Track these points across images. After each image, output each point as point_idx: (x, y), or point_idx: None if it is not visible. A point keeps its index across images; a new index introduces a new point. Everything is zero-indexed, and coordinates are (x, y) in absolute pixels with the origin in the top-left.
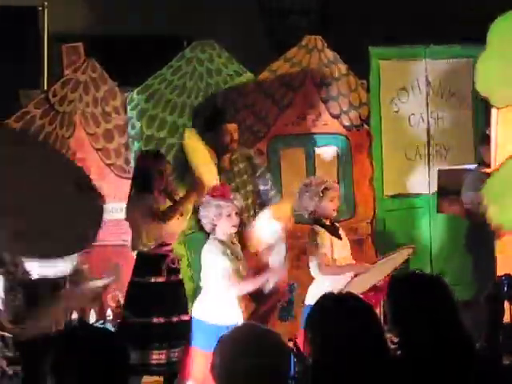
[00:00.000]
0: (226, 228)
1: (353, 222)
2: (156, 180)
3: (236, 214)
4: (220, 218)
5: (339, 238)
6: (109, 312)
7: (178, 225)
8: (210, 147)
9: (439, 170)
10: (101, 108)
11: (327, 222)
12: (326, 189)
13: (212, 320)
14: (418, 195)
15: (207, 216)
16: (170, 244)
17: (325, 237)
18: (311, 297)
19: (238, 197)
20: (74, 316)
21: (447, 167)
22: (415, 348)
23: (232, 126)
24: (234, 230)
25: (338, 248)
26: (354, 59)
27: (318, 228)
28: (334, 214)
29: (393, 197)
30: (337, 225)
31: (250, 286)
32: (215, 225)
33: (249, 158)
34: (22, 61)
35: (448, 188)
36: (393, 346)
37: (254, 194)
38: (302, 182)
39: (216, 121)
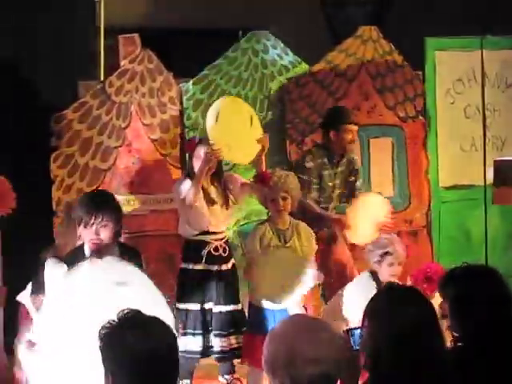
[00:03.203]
0: (272, 211)
1: (408, 214)
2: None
3: (283, 198)
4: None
5: None
6: None
7: (222, 214)
8: (330, 146)
9: (495, 161)
10: (157, 98)
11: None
12: (387, 253)
13: (265, 304)
14: (473, 186)
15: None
16: (217, 233)
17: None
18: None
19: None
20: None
21: (503, 158)
22: (473, 341)
23: (354, 128)
24: (278, 214)
25: None
26: (410, 50)
27: (371, 282)
28: (392, 279)
29: (448, 188)
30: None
31: None
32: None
33: (351, 162)
34: (79, 52)
35: (504, 178)
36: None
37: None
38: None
39: (340, 120)
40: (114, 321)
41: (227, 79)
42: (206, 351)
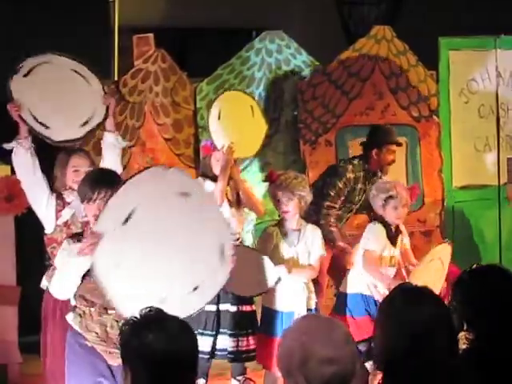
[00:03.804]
0: (279, 211)
1: (421, 213)
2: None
3: (288, 199)
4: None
5: (394, 244)
6: None
7: (238, 215)
8: (369, 163)
9: (509, 159)
10: (170, 98)
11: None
12: (390, 197)
13: (278, 307)
14: (487, 186)
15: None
16: (233, 234)
17: (381, 235)
18: (350, 285)
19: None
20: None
21: None
22: (485, 342)
23: (396, 148)
24: (284, 214)
25: (387, 253)
26: (424, 50)
27: (377, 224)
28: (398, 222)
29: (462, 188)
30: (402, 231)
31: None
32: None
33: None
34: (93, 51)
35: None
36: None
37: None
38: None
39: (386, 140)
40: (136, 318)
41: (240, 79)
42: (215, 352)
